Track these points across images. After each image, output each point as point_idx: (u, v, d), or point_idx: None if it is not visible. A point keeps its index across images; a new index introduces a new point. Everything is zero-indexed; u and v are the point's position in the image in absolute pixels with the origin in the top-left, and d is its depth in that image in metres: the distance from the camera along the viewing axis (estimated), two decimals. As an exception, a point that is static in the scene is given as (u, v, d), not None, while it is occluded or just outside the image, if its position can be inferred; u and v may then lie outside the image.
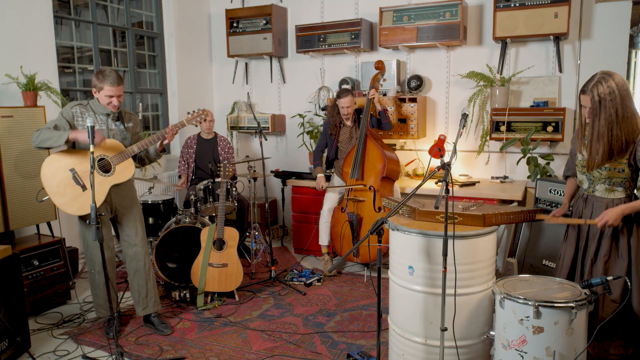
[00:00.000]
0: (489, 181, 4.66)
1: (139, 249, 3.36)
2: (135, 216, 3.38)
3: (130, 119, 3.36)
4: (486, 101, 4.60)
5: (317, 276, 4.26)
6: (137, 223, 3.37)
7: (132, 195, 3.39)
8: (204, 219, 4.17)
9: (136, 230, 3.36)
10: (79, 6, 4.92)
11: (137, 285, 3.37)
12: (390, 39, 4.74)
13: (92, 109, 3.18)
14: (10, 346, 2.93)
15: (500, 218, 2.55)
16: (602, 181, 2.42)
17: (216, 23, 6.01)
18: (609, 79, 2.30)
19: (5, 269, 2.93)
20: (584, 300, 2.12)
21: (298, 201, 5.00)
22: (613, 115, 2.29)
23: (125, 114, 3.34)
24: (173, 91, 5.69)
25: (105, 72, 3.11)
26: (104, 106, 3.16)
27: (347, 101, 4.34)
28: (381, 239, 2.32)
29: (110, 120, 3.22)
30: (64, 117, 3.10)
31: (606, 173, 2.39)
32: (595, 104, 2.32)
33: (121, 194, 3.30)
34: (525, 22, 4.18)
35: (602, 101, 2.30)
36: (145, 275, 3.37)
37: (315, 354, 3.04)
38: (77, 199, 3.09)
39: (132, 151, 3.16)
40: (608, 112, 2.29)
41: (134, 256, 3.35)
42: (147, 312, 3.39)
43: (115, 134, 3.23)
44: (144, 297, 3.38)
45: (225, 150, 4.86)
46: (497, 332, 2.30)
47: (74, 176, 3.09)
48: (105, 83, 3.07)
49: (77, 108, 3.15)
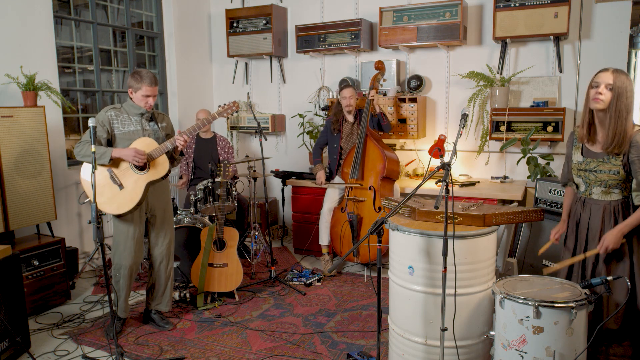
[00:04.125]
0: (489, 181, 4.66)
1: (165, 251, 3.43)
2: (169, 218, 3.45)
3: (164, 120, 3.42)
4: (486, 101, 4.60)
5: (317, 276, 4.26)
6: (168, 226, 3.45)
7: (167, 196, 3.45)
8: (204, 219, 4.17)
9: (165, 233, 3.43)
10: (79, 6, 4.92)
11: (157, 284, 3.46)
12: (390, 39, 4.74)
13: (126, 111, 3.24)
14: (10, 346, 2.93)
15: (500, 218, 2.55)
16: (598, 184, 2.41)
17: (216, 23, 6.01)
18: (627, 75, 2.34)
19: (5, 269, 2.93)
20: (584, 300, 2.12)
21: (298, 201, 5.00)
22: (625, 103, 2.30)
23: (158, 114, 3.40)
24: (173, 91, 5.69)
25: (142, 72, 3.18)
26: (139, 106, 3.21)
27: (348, 91, 4.38)
28: (381, 239, 2.32)
29: (144, 121, 3.27)
30: (100, 124, 3.14)
31: (600, 176, 2.39)
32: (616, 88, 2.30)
33: (157, 193, 3.34)
34: (525, 22, 4.18)
35: (621, 87, 2.29)
36: (165, 276, 3.47)
37: (315, 354, 3.04)
38: (114, 197, 3.14)
39: (166, 147, 3.19)
40: (624, 98, 2.30)
41: (158, 256, 3.42)
42: (159, 308, 3.49)
43: (149, 133, 3.27)
44: (160, 294, 3.47)
45: (225, 150, 4.86)
46: (497, 332, 2.30)
47: (111, 176, 3.14)
48: (143, 83, 3.15)
49: (112, 112, 3.21)
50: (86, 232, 4.61)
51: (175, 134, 3.45)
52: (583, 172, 2.45)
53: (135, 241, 3.27)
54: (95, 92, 4.93)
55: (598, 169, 2.39)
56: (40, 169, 3.78)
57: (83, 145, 3.11)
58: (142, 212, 3.31)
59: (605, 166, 2.36)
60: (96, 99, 4.93)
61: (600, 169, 2.38)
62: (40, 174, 3.78)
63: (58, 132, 4.30)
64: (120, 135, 3.20)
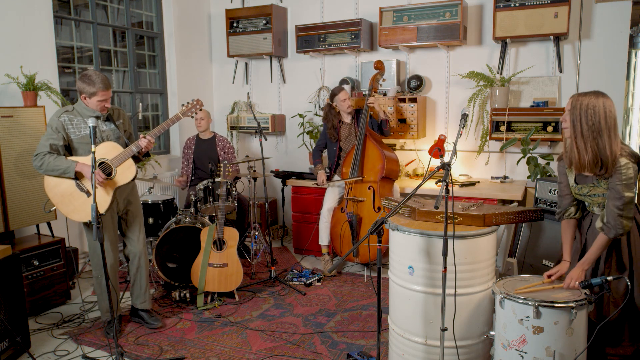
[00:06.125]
0: (489, 181, 4.66)
1: (142, 247, 3.44)
2: (139, 215, 3.45)
3: (119, 116, 3.31)
4: (486, 101, 4.60)
5: (317, 276, 4.26)
6: (140, 222, 3.45)
7: (135, 194, 3.43)
8: (204, 219, 4.17)
9: (139, 229, 3.43)
10: (79, 6, 4.92)
11: (139, 281, 3.45)
12: (390, 39, 4.74)
13: (80, 113, 3.12)
14: (10, 346, 2.93)
15: (500, 218, 2.55)
16: (596, 205, 2.36)
17: (216, 23, 6.01)
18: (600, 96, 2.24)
19: (5, 269, 2.93)
20: (584, 300, 2.12)
21: (298, 201, 5.00)
22: (590, 123, 2.21)
23: (113, 111, 3.27)
24: (173, 91, 5.69)
25: (92, 76, 3.01)
26: (93, 109, 3.10)
27: (343, 94, 4.38)
28: (381, 239, 2.32)
29: (100, 122, 3.18)
30: (54, 131, 3.03)
31: (596, 199, 2.33)
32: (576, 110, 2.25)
33: (124, 193, 3.32)
34: (525, 22, 4.18)
35: (580, 108, 2.23)
36: (146, 272, 3.48)
37: (315, 354, 3.04)
38: (82, 205, 3.07)
39: (131, 151, 3.13)
40: (585, 118, 2.21)
41: (137, 253, 3.42)
42: (145, 306, 3.48)
43: (108, 134, 3.20)
44: (144, 292, 3.47)
45: (225, 150, 4.86)
46: (497, 332, 2.30)
47: (77, 183, 3.08)
48: (97, 88, 3.01)
49: (65, 116, 3.08)
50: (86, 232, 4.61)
51: (131, 127, 3.41)
52: (581, 197, 2.40)
53: (111, 242, 3.26)
54: (95, 92, 4.92)
55: (591, 193, 2.34)
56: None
57: (42, 158, 2.98)
58: (114, 213, 3.30)
59: (597, 190, 2.31)
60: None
61: (594, 193, 2.33)
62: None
63: (58, 132, 4.30)
64: (77, 140, 3.09)
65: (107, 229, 3.23)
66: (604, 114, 2.19)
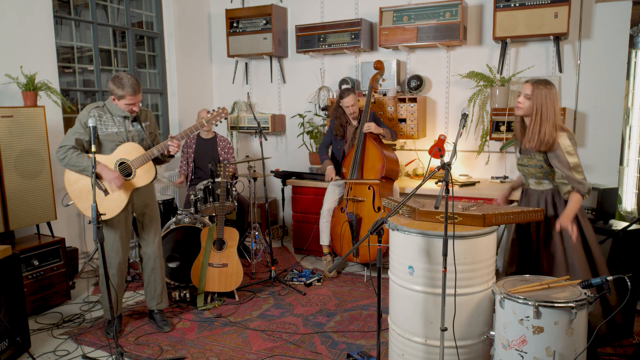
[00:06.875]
0: (489, 181, 4.66)
1: (157, 250, 3.44)
2: (156, 219, 3.44)
3: (146, 117, 3.37)
4: (486, 101, 4.60)
5: (317, 276, 4.26)
6: (157, 225, 3.45)
7: (152, 197, 3.43)
8: (204, 219, 4.17)
9: (155, 232, 3.43)
10: (79, 6, 4.92)
11: (154, 282, 3.45)
12: (390, 39, 4.74)
13: (109, 111, 3.18)
14: (10, 346, 2.94)
15: (500, 218, 2.54)
16: (531, 176, 2.77)
17: (216, 23, 6.01)
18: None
19: (5, 269, 2.93)
20: (584, 300, 2.12)
21: (298, 201, 5.00)
22: (543, 109, 2.62)
23: (141, 112, 3.33)
24: (173, 91, 5.69)
25: (123, 80, 3.07)
26: (123, 109, 3.16)
27: (350, 100, 4.35)
28: (381, 239, 2.32)
29: (127, 122, 3.22)
30: (82, 126, 3.08)
31: (530, 170, 2.74)
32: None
33: (142, 194, 3.32)
34: (525, 22, 4.18)
35: (539, 96, 2.62)
36: (161, 274, 3.48)
37: (315, 354, 3.04)
38: (100, 203, 3.08)
39: (152, 154, 3.16)
40: (542, 106, 2.62)
41: (152, 255, 3.42)
42: (161, 307, 3.49)
43: (133, 135, 3.23)
44: (160, 293, 3.47)
45: (225, 150, 4.86)
46: (497, 332, 2.30)
47: (96, 182, 3.10)
48: (126, 93, 3.07)
49: (95, 111, 3.13)
50: (86, 232, 4.62)
51: (156, 130, 3.44)
52: (520, 167, 2.83)
53: (122, 241, 3.27)
54: (95, 92, 4.93)
55: (528, 164, 2.75)
56: (40, 169, 3.78)
57: (66, 152, 3.03)
58: (129, 213, 3.30)
59: (532, 161, 2.72)
60: (96, 99, 4.93)
61: (529, 164, 2.74)
62: (40, 174, 3.78)
63: (58, 132, 4.30)
64: (103, 136, 3.13)
65: (120, 227, 3.24)
66: (556, 100, 2.64)
